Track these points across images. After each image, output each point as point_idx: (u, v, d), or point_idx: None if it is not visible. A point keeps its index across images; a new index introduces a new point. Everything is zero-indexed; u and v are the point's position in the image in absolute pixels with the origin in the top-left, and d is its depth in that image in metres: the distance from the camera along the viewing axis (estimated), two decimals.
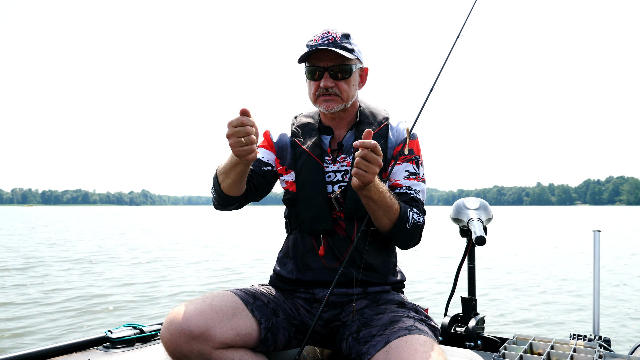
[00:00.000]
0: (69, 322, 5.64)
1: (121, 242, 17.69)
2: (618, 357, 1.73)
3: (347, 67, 1.78)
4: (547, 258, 12.61)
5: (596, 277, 2.15)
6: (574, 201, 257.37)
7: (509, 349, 1.76)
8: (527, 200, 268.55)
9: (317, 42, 1.78)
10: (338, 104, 1.81)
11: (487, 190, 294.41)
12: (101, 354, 1.72)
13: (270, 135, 1.98)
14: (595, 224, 31.84)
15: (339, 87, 1.79)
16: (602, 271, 9.69)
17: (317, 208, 1.81)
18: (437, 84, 1.85)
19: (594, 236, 2.14)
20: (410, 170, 1.85)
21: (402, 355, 1.45)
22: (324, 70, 1.78)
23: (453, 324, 2.23)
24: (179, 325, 1.57)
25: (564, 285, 8.46)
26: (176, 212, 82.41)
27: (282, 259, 1.94)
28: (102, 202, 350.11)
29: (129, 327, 1.92)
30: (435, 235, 19.08)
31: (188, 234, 23.02)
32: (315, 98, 1.82)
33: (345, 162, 1.85)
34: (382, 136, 1.86)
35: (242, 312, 1.68)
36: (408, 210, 1.74)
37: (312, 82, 1.81)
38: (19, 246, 15.58)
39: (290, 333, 1.78)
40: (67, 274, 9.47)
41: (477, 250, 2.35)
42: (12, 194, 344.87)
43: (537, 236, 21.37)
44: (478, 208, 2.14)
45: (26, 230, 25.44)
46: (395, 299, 1.81)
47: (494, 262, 11.35)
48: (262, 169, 1.92)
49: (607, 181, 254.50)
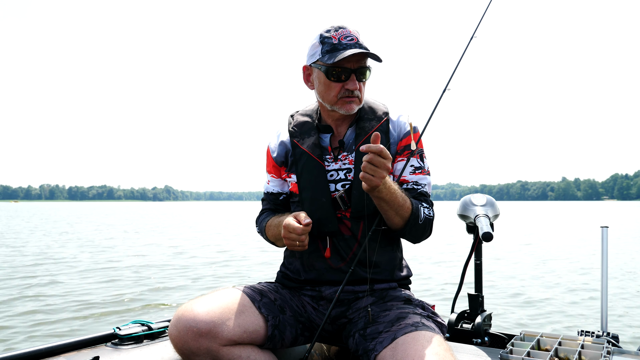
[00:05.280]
0: (79, 318, 5.69)
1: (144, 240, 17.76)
2: (626, 353, 1.72)
3: (369, 70, 1.77)
4: (559, 254, 12.54)
5: (604, 274, 2.14)
6: (601, 196, 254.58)
7: (516, 345, 1.76)
8: (552, 195, 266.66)
9: (341, 41, 1.73)
10: (357, 105, 1.80)
11: (511, 185, 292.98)
12: (110, 350, 1.73)
13: (271, 153, 1.96)
14: (620, 220, 31.38)
15: (360, 89, 1.77)
16: (617, 268, 9.62)
17: (321, 210, 1.79)
18: (451, 85, 1.83)
19: (602, 232, 2.13)
20: (416, 165, 1.84)
21: (408, 351, 1.45)
22: (351, 72, 1.74)
23: (460, 320, 2.22)
24: (186, 322, 1.58)
25: (573, 281, 8.42)
26: (199, 208, 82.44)
27: (289, 258, 1.95)
28: (126, 197, 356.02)
29: (137, 323, 1.93)
30: (445, 231, 19.02)
31: (208, 230, 23.08)
32: (336, 100, 1.78)
33: (347, 160, 1.83)
34: (383, 131, 1.84)
35: (249, 310, 1.69)
36: (420, 206, 1.74)
37: (335, 84, 1.76)
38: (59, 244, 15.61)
39: (297, 330, 1.79)
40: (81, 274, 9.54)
41: (485, 247, 2.34)
42: (40, 190, 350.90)
43: (552, 231, 21.20)
44: (485, 204, 2.13)
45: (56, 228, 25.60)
46: (402, 296, 1.81)
47: (502, 258, 11.32)
48: (279, 200, 1.98)
49: (635, 176, 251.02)
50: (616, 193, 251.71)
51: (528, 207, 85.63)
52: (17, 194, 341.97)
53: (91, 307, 6.27)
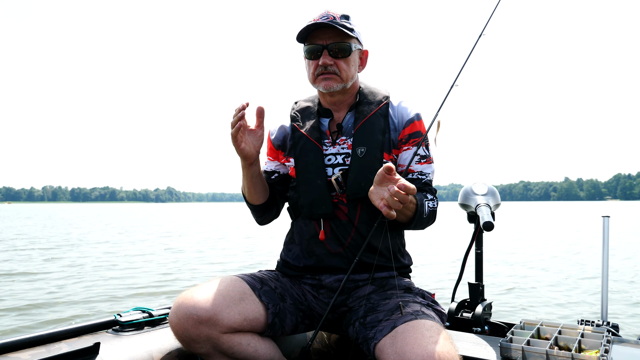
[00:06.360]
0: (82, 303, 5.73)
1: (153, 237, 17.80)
2: (626, 342, 1.72)
3: (346, 46, 1.76)
4: (559, 245, 12.55)
5: (605, 263, 2.13)
6: (604, 196, 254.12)
7: (517, 334, 1.75)
8: (555, 195, 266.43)
9: (317, 21, 1.75)
10: (337, 83, 1.78)
11: (513, 185, 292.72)
12: (110, 337, 1.74)
13: (270, 136, 1.98)
14: (622, 218, 31.30)
15: (338, 65, 1.77)
16: (617, 259, 9.62)
17: (316, 191, 1.79)
18: (459, 81, 1.82)
19: (603, 222, 2.13)
20: (421, 154, 1.83)
21: (408, 339, 1.45)
22: (323, 48, 1.76)
23: (460, 309, 2.22)
24: (186, 309, 1.58)
25: (573, 271, 8.42)
26: (202, 209, 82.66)
27: (288, 245, 1.94)
28: (128, 199, 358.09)
29: (138, 310, 1.94)
30: (444, 222, 18.99)
31: (216, 227, 23.11)
32: (314, 78, 1.80)
33: (345, 144, 1.82)
34: (382, 115, 1.83)
35: (249, 297, 1.69)
36: (424, 201, 1.73)
37: (311, 62, 1.79)
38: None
39: (297, 318, 1.79)
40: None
41: (486, 236, 2.34)
42: (43, 191, 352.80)
43: (553, 226, 21.18)
44: (486, 194, 2.12)
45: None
46: (402, 284, 1.81)
47: (504, 248, 11.31)
48: (270, 178, 1.97)
49: (638, 175, 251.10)
50: (619, 193, 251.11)
51: (530, 207, 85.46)
52: (20, 195, 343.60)
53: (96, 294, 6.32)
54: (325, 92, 1.81)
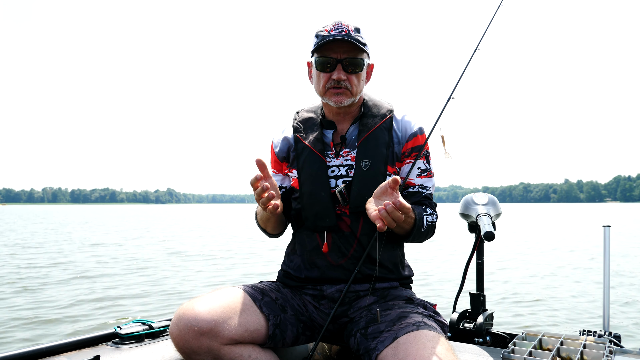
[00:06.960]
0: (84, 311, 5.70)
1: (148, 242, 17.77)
2: (628, 352, 1.71)
3: (359, 61, 1.76)
4: (560, 254, 12.51)
5: (606, 273, 2.13)
6: (604, 198, 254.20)
7: (518, 345, 1.75)
8: (555, 197, 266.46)
9: (330, 32, 1.74)
10: (348, 98, 1.78)
11: (513, 187, 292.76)
12: (110, 349, 1.73)
13: (274, 148, 1.97)
14: (623, 221, 31.27)
15: (350, 80, 1.76)
16: (618, 268, 9.59)
17: (320, 204, 1.79)
18: (455, 94, 1.82)
19: (604, 231, 2.13)
20: (422, 167, 1.83)
21: (410, 350, 1.44)
22: (337, 62, 1.74)
23: (461, 319, 2.22)
24: (187, 321, 1.57)
25: (574, 281, 8.40)
26: (202, 211, 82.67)
27: (290, 255, 1.94)
28: (128, 200, 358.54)
29: (138, 323, 1.93)
30: (445, 231, 18.99)
31: (216, 230, 23.11)
32: (324, 90, 1.79)
33: (349, 156, 1.82)
34: (386, 129, 1.83)
35: (250, 309, 1.68)
36: (423, 215, 1.73)
37: (322, 74, 1.77)
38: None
39: (298, 329, 1.78)
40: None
41: (487, 246, 2.33)
42: (43, 193, 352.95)
43: (553, 232, 21.16)
44: (487, 203, 2.13)
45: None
46: (404, 295, 1.81)
47: (504, 258, 11.29)
48: None
49: (638, 177, 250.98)
50: (619, 195, 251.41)
51: (530, 209, 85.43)
52: (20, 196, 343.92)
53: (92, 305, 6.29)
54: (336, 106, 1.81)
